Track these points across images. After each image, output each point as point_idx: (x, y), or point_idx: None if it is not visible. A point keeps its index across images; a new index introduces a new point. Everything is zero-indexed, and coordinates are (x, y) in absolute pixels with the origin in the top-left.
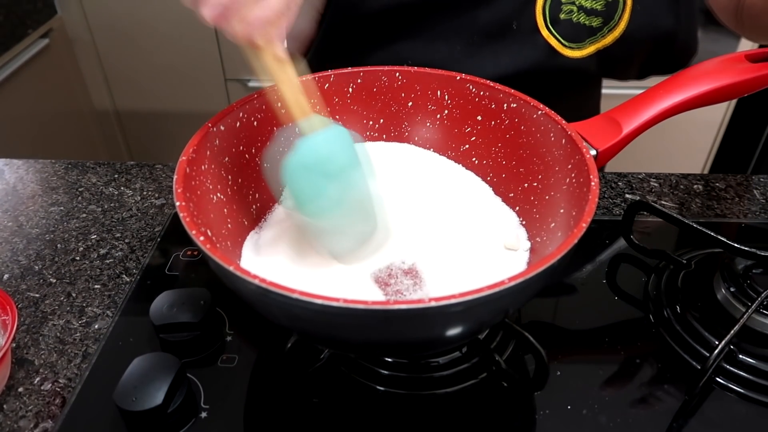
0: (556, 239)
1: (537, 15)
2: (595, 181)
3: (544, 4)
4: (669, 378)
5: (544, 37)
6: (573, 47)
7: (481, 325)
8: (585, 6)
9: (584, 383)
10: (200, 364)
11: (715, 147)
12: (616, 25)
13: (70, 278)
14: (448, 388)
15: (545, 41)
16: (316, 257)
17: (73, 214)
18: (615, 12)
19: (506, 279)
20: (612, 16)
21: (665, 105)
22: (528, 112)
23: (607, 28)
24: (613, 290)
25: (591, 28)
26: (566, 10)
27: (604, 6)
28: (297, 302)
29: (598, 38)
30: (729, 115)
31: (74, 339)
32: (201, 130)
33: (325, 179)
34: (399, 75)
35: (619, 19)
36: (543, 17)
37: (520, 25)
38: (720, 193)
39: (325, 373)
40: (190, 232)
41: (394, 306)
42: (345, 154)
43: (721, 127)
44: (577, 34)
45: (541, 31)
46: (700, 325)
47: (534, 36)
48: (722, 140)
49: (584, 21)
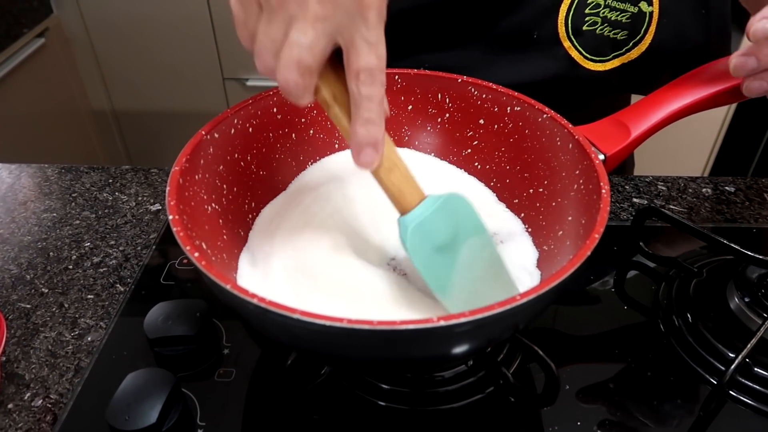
0: (565, 248)
1: (559, 25)
2: (606, 188)
3: (566, 15)
4: (682, 392)
5: (565, 48)
6: (596, 60)
7: (490, 342)
8: (610, 18)
9: (594, 398)
10: (196, 378)
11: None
12: (641, 39)
13: (63, 288)
14: (453, 404)
15: (566, 53)
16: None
17: (66, 221)
18: (641, 25)
19: (518, 295)
20: (638, 29)
21: (675, 107)
22: (532, 116)
23: (633, 42)
24: (621, 299)
25: (615, 41)
26: (590, 21)
27: (630, 18)
28: (298, 322)
29: (623, 52)
30: (730, 115)
31: (66, 352)
32: (194, 138)
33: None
34: (398, 78)
35: (645, 33)
36: (565, 28)
37: (540, 35)
38: (730, 197)
39: (326, 388)
40: (185, 247)
41: (401, 326)
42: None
43: (722, 128)
44: (600, 47)
45: (562, 43)
46: (712, 337)
47: (555, 47)
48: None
49: (608, 33)
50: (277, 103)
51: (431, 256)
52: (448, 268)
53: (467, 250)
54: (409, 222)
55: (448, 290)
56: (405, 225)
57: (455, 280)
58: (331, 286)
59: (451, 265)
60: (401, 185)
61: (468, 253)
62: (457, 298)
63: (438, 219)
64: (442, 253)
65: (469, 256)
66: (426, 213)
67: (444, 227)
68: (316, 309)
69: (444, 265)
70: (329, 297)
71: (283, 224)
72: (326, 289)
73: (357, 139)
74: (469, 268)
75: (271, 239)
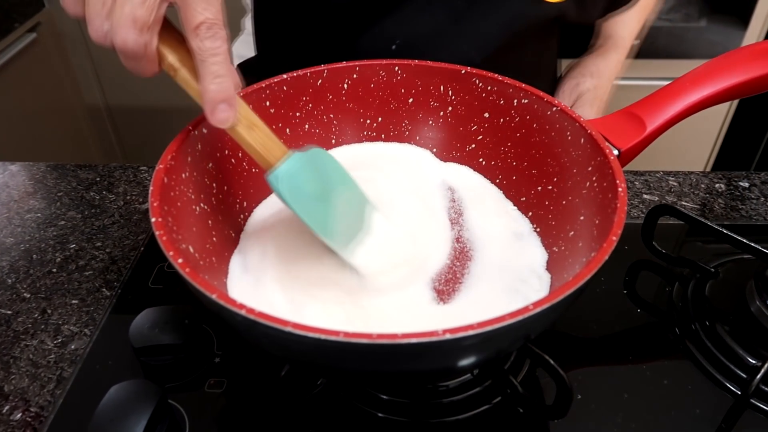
0: (577, 249)
1: None
2: (623, 186)
3: None
4: (701, 402)
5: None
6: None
7: (499, 354)
8: None
9: (607, 409)
10: (185, 389)
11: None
12: None
13: (46, 293)
14: (457, 416)
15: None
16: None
17: (50, 222)
18: None
19: (531, 305)
20: None
21: (693, 99)
22: (541, 109)
23: None
24: (634, 301)
25: None
26: None
27: None
28: (290, 335)
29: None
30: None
31: (48, 361)
32: (180, 134)
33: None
34: (398, 69)
35: None
36: None
37: None
38: (744, 193)
39: (323, 399)
40: (167, 253)
41: (403, 340)
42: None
43: (725, 122)
44: None
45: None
46: (732, 341)
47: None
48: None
49: None
50: (269, 97)
51: (309, 204)
52: (326, 213)
53: (339, 196)
54: (281, 174)
55: (330, 232)
56: (276, 177)
57: (335, 223)
58: (327, 292)
59: (328, 210)
60: (264, 142)
61: (340, 200)
62: (339, 236)
63: (308, 171)
64: (318, 201)
65: (342, 202)
66: (295, 166)
67: (315, 178)
68: (311, 317)
69: (322, 211)
70: (325, 304)
71: (276, 225)
72: (322, 295)
73: (209, 96)
74: (344, 212)
75: (264, 241)
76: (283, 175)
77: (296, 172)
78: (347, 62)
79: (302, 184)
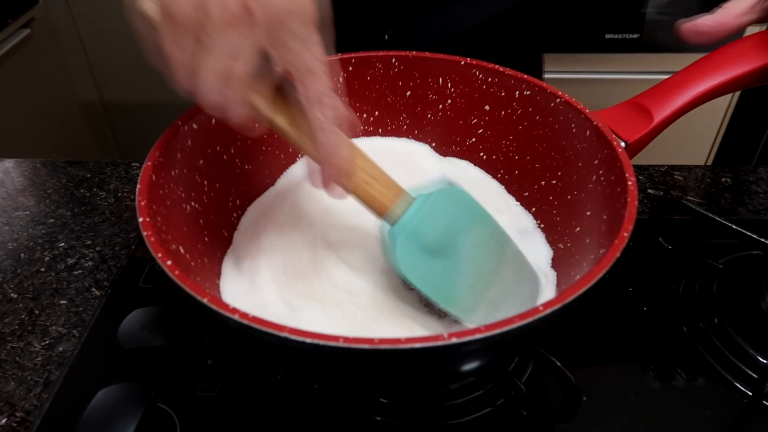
0: (584, 246)
1: None
2: (632, 179)
3: None
4: (710, 402)
5: None
6: None
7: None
8: None
9: (614, 411)
10: (176, 392)
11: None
12: None
13: (34, 293)
14: (459, 419)
15: None
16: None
17: (39, 219)
18: None
19: (540, 306)
20: None
21: (701, 88)
22: (544, 100)
23: None
24: (640, 299)
25: None
26: None
27: None
28: (286, 341)
29: None
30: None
31: (35, 364)
32: (169, 129)
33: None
34: (395, 61)
35: None
36: None
37: None
38: (750, 187)
39: (320, 402)
40: (156, 254)
41: (406, 345)
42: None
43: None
44: None
45: None
46: (742, 339)
47: None
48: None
49: None
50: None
51: (426, 264)
52: (449, 273)
53: (469, 245)
54: (397, 234)
55: (454, 298)
56: (393, 237)
57: (461, 285)
58: (325, 294)
59: (452, 268)
60: (381, 191)
61: (471, 249)
62: (470, 303)
63: (429, 221)
64: (438, 257)
65: (473, 252)
66: (414, 219)
67: (437, 228)
68: (308, 320)
69: (443, 270)
70: (322, 306)
71: (270, 223)
72: (319, 296)
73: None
74: (475, 267)
75: (258, 240)
76: (400, 234)
77: (416, 226)
78: (342, 54)
79: (422, 240)
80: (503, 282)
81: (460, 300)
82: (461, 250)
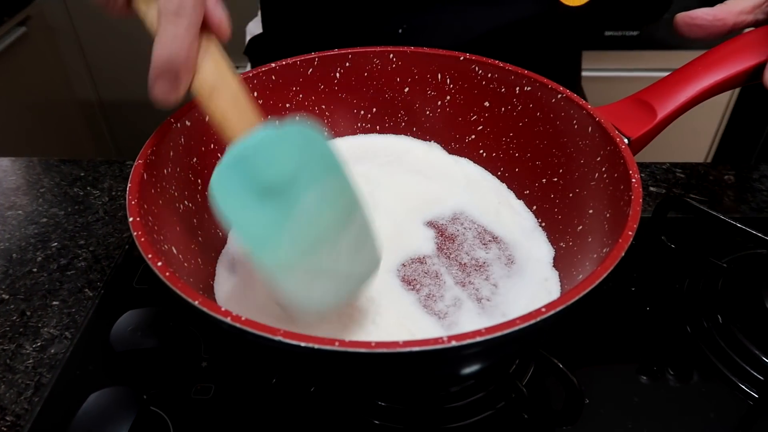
0: (587, 245)
1: None
2: (637, 177)
3: None
4: (715, 404)
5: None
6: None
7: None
8: None
9: (617, 414)
10: (169, 395)
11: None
12: None
13: (26, 293)
14: (459, 422)
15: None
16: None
17: (32, 219)
18: None
19: (543, 308)
20: None
21: (706, 83)
22: (545, 97)
23: None
24: (642, 299)
25: None
26: None
27: None
28: (280, 345)
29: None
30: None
31: (26, 366)
32: (161, 127)
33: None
34: (393, 57)
35: None
36: None
37: None
38: (754, 185)
39: (317, 405)
40: (146, 255)
41: (405, 348)
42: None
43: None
44: None
45: None
46: (747, 340)
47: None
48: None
49: None
50: (257, 87)
51: (250, 201)
52: (274, 218)
53: (309, 197)
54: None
55: (271, 248)
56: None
57: (284, 236)
58: None
59: (280, 214)
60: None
61: (310, 201)
62: (287, 260)
63: (268, 155)
64: (268, 198)
65: (310, 205)
66: (249, 147)
67: (276, 165)
68: (303, 323)
69: (269, 214)
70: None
71: None
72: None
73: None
74: (307, 221)
75: None
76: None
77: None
78: (339, 50)
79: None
80: (335, 251)
81: (277, 252)
82: (298, 199)
